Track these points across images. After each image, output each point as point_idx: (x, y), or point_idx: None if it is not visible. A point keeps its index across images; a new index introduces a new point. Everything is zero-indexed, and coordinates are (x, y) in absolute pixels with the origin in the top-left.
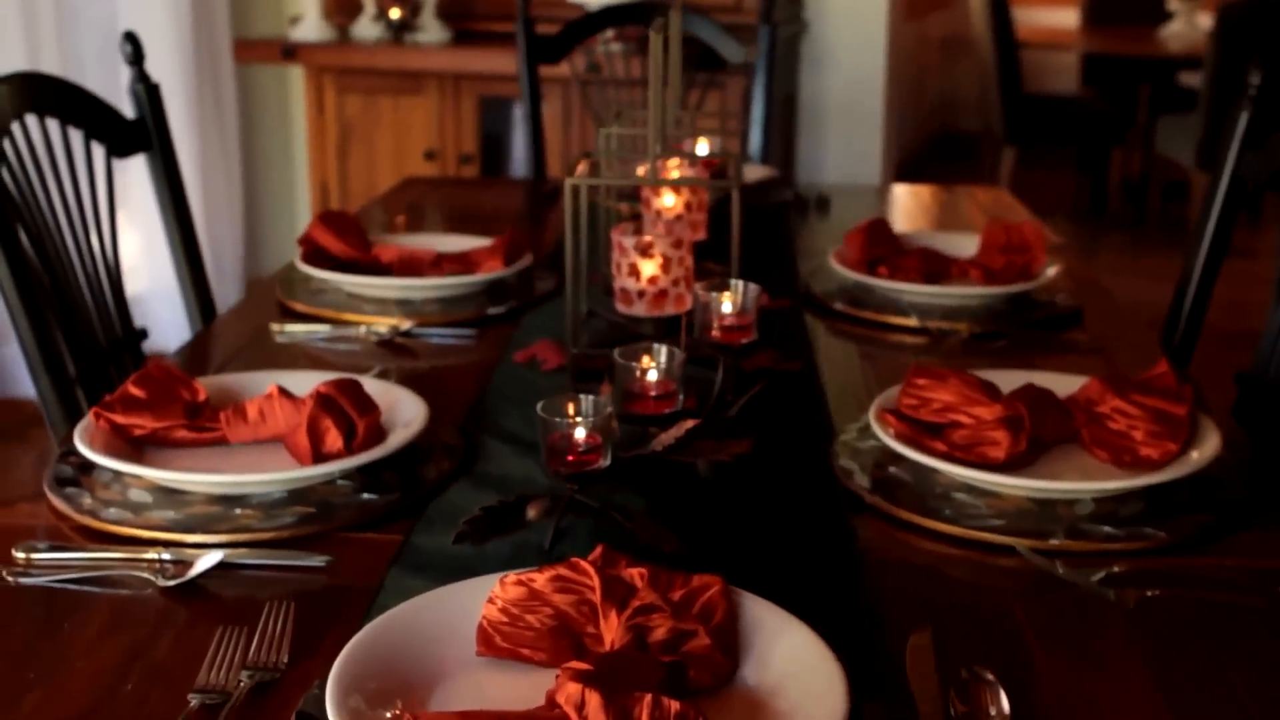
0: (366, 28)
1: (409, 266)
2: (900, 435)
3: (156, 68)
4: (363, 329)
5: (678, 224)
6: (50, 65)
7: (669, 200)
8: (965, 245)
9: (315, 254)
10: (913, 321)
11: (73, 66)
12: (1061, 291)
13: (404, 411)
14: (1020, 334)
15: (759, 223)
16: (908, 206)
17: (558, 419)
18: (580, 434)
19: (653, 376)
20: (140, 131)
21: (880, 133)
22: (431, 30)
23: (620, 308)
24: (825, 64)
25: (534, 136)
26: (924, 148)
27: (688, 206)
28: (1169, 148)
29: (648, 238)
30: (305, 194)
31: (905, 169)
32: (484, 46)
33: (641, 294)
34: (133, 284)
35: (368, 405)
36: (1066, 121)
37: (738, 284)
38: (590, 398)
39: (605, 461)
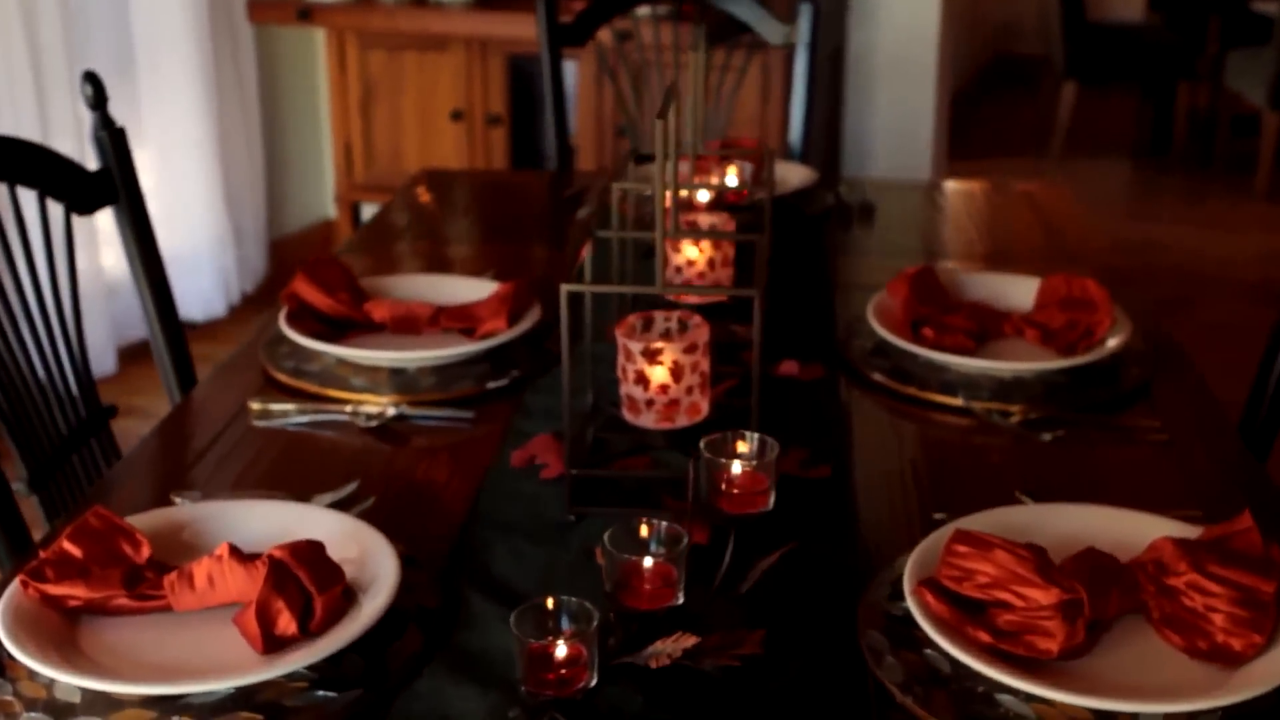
0: None
1: (404, 324)
2: (938, 620)
3: (170, 27)
4: (349, 408)
5: (692, 326)
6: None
7: (692, 253)
8: (1022, 291)
9: (302, 312)
10: (959, 402)
11: (79, 30)
12: (1128, 359)
13: (374, 564)
14: (1081, 420)
15: (795, 238)
16: (958, 212)
17: (532, 639)
18: (561, 650)
19: (648, 563)
20: (105, 183)
21: (933, 88)
22: None
23: (627, 416)
24: (875, 14)
25: (559, 127)
26: (980, 74)
27: (711, 263)
28: (1240, 83)
29: (656, 343)
30: (330, 155)
31: (960, 98)
32: (511, 9)
33: (650, 403)
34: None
35: (329, 576)
36: (1131, 52)
37: (753, 439)
38: (573, 602)
39: (592, 680)
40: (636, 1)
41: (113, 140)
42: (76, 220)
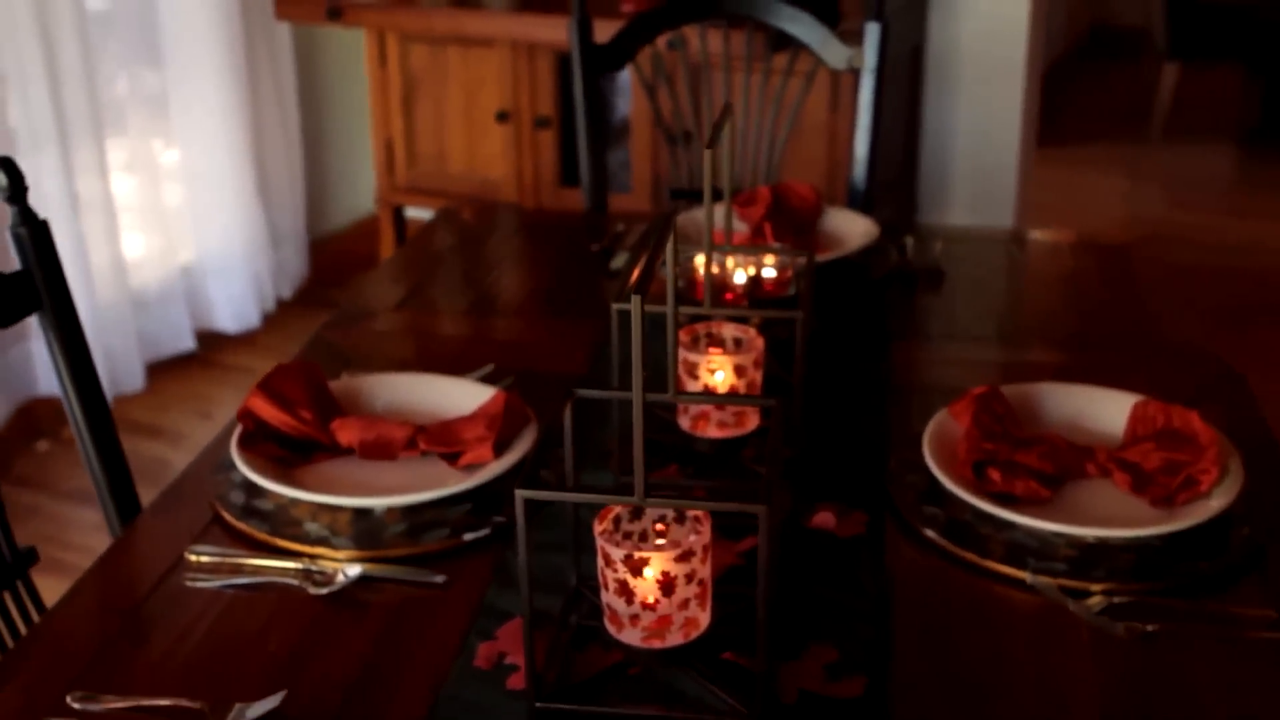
0: None
1: (375, 449)
2: None
3: (198, 22)
4: (298, 566)
5: (683, 529)
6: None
7: (719, 376)
8: (1111, 412)
9: (258, 433)
10: (1026, 577)
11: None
12: (1237, 519)
13: None
14: (1177, 608)
15: (850, 309)
16: (1040, 275)
17: None
18: None
19: None
20: (25, 287)
21: (1021, 82)
22: None
23: (609, 627)
24: (959, 8)
25: (593, 162)
26: (1074, 47)
27: (739, 373)
28: None
29: (643, 552)
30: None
31: (1053, 74)
32: (555, 11)
33: (635, 618)
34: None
35: None
36: (1239, 30)
37: None
38: None
39: None
40: (682, 21)
41: (34, 237)
42: (97, 226)
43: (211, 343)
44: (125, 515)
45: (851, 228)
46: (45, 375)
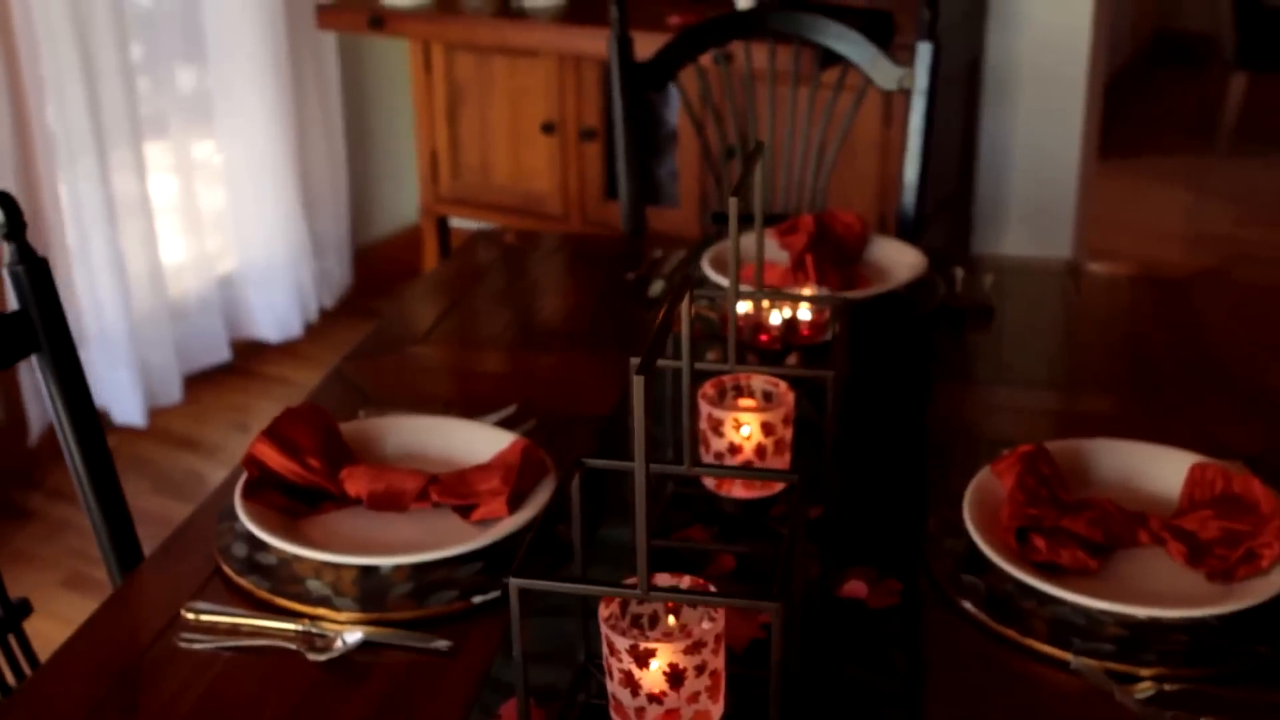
0: None
1: (385, 500)
2: None
3: (241, 29)
4: (298, 629)
5: (695, 613)
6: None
7: (745, 430)
8: (1167, 472)
9: (263, 481)
10: (1069, 659)
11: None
12: None
13: None
14: (1232, 698)
15: (891, 354)
16: (1096, 312)
17: None
18: None
19: None
20: (23, 328)
21: (1082, 101)
22: None
23: (614, 718)
24: (1018, 20)
25: (631, 186)
26: (1138, 53)
27: (761, 449)
28: None
29: (650, 643)
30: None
31: (1115, 81)
32: (601, 23)
33: (641, 711)
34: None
35: None
36: None
37: None
38: None
39: None
40: (726, 39)
41: (32, 275)
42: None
43: (251, 352)
44: (127, 564)
45: (899, 259)
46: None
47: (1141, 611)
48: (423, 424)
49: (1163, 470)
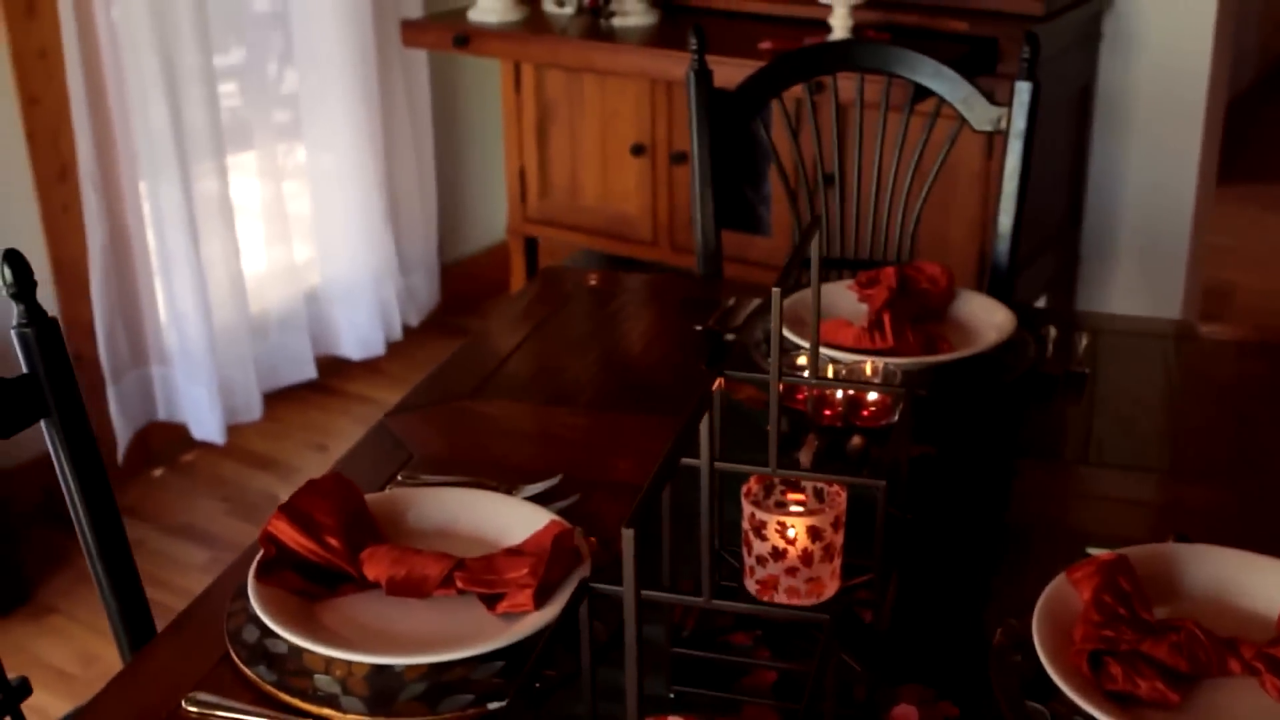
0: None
1: (406, 587)
2: None
3: (330, 44)
4: None
5: None
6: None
7: (791, 532)
8: (1266, 587)
9: (281, 560)
10: None
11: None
12: None
13: None
14: None
15: (969, 427)
16: (1201, 383)
17: None
18: None
19: None
20: (31, 392)
21: (1200, 130)
22: (634, 13)
23: None
24: (1134, 43)
25: (707, 225)
26: (1264, 74)
27: (807, 556)
28: None
29: None
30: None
31: (1238, 104)
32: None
33: None
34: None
35: None
36: None
37: None
38: None
39: None
40: (814, 74)
41: (41, 337)
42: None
43: (333, 370)
44: (138, 640)
45: (986, 318)
46: (165, 399)
47: None
48: (455, 497)
49: (1262, 583)
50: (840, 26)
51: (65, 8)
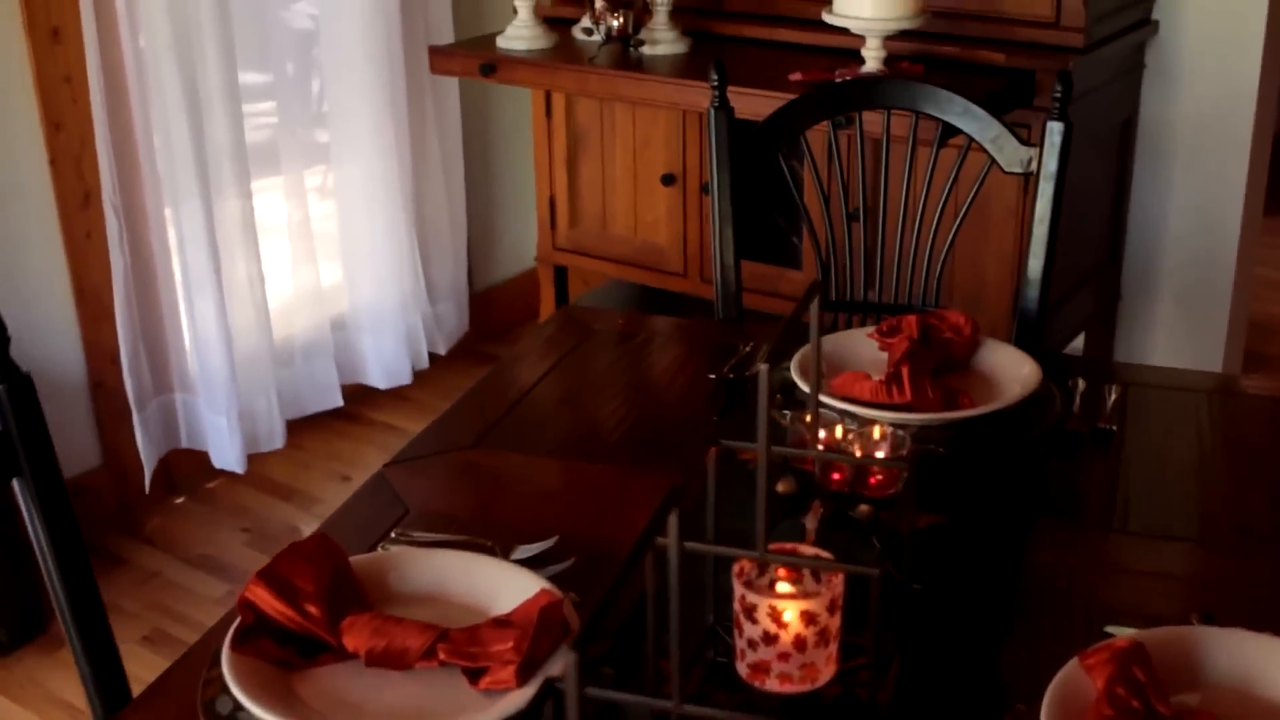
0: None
1: (386, 659)
2: None
3: (357, 71)
4: None
5: None
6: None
7: (787, 616)
8: None
9: (258, 627)
10: None
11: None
12: None
13: None
14: None
15: (987, 488)
16: (1238, 445)
17: None
18: None
19: None
20: (3, 451)
21: (1246, 164)
22: (664, 41)
23: None
24: (1178, 75)
25: (724, 271)
26: None
27: (807, 620)
28: None
29: None
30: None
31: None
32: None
33: None
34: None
35: None
36: None
37: None
38: None
39: None
40: (840, 111)
41: (14, 394)
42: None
43: (358, 398)
44: (113, 705)
45: (1012, 371)
46: (187, 427)
47: None
48: (445, 560)
49: None
50: (873, 58)
51: (90, 33)
